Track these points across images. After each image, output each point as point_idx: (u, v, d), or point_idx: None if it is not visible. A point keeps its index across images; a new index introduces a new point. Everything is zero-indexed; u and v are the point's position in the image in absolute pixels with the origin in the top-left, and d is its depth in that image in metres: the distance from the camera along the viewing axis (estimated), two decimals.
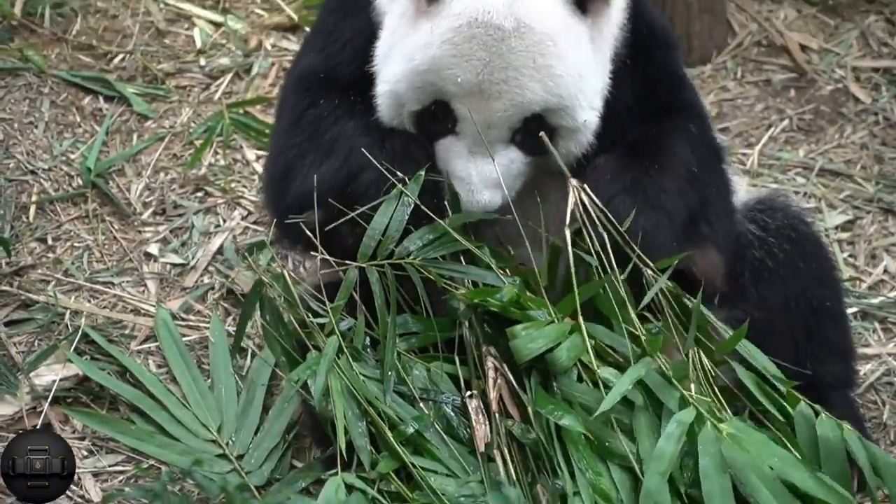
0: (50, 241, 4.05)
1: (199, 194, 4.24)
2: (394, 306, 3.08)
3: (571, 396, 3.00)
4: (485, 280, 3.11)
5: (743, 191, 3.61)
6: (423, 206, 3.08)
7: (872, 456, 2.98)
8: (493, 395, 3.03)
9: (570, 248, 3.07)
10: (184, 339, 3.71)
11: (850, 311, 3.75)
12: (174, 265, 4.02)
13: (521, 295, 3.06)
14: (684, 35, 4.71)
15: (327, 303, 3.12)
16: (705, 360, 3.05)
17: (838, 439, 2.98)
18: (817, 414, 3.00)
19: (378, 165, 3.08)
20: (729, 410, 3.01)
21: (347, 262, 3.10)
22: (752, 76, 4.72)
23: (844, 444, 2.98)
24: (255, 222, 4.15)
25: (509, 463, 3.01)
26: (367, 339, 3.13)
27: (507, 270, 3.13)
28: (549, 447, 2.98)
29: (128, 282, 3.96)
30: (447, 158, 3.14)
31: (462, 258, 3.14)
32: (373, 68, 3.19)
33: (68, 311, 3.80)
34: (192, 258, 4.02)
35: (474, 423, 3.04)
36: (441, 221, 3.09)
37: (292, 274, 3.50)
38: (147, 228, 4.12)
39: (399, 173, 3.09)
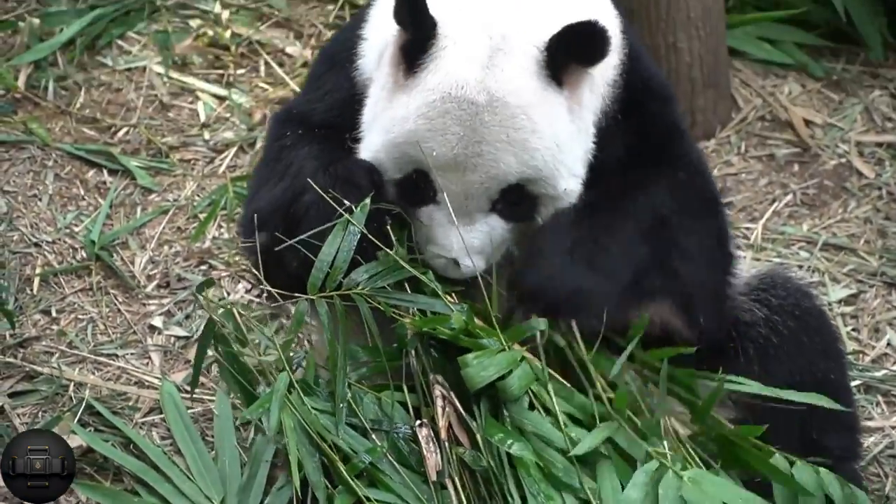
0: (54, 314, 4.17)
1: (203, 267, 4.36)
2: (344, 339, 3.16)
3: (522, 424, 3.09)
4: (433, 308, 3.18)
5: (745, 265, 3.71)
6: (367, 234, 3.14)
7: (852, 496, 3.09)
8: (442, 423, 3.10)
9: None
10: (188, 411, 3.82)
11: (853, 384, 3.86)
12: (178, 338, 4.14)
13: (469, 323, 3.15)
14: (688, 109, 4.85)
15: (276, 339, 3.21)
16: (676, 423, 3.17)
17: (815, 484, 3.10)
18: (792, 463, 3.11)
19: (318, 189, 3.15)
20: (702, 462, 3.12)
21: (295, 294, 3.17)
22: (756, 151, 4.87)
23: (822, 488, 3.10)
24: (259, 295, 4.28)
25: (461, 491, 3.08)
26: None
27: (455, 297, 3.21)
28: (500, 474, 3.06)
29: (132, 354, 4.08)
30: (430, 227, 3.22)
31: (407, 287, 3.21)
32: (347, 122, 3.29)
33: (72, 383, 3.91)
34: (196, 331, 4.14)
35: (425, 452, 3.11)
36: (388, 250, 3.16)
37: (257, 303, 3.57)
38: (151, 301, 4.24)
39: (342, 198, 3.15)
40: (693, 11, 4.82)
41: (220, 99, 4.97)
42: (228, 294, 4.27)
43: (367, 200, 3.15)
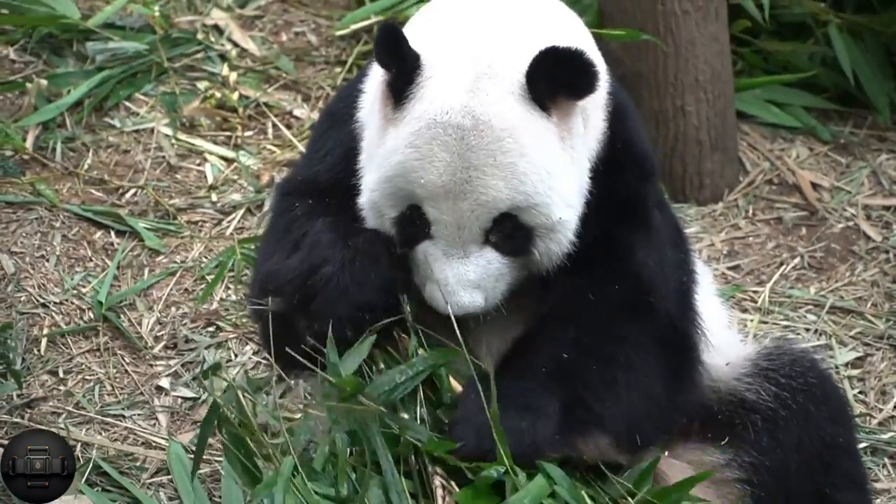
0: (61, 374, 4.34)
1: (211, 329, 4.53)
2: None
3: None
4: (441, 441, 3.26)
5: (748, 344, 3.88)
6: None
7: None
8: None
9: None
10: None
11: (860, 446, 4.01)
12: (185, 399, 4.31)
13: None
14: (696, 173, 5.05)
15: (282, 422, 3.34)
16: None
17: None
18: None
19: (339, 260, 3.29)
20: None
21: (308, 408, 3.32)
22: (763, 214, 5.06)
23: None
24: (266, 357, 4.45)
25: None
26: None
27: None
28: None
29: (139, 415, 4.25)
30: (426, 263, 3.32)
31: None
32: (351, 178, 3.42)
33: (80, 444, 4.07)
34: (203, 392, 4.31)
35: None
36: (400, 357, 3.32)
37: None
38: (158, 362, 4.41)
39: (363, 272, 3.29)
40: (701, 75, 5.04)
41: (228, 161, 5.15)
42: (236, 356, 4.44)
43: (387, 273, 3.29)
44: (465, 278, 3.31)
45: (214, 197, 5.01)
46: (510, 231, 3.31)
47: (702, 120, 5.05)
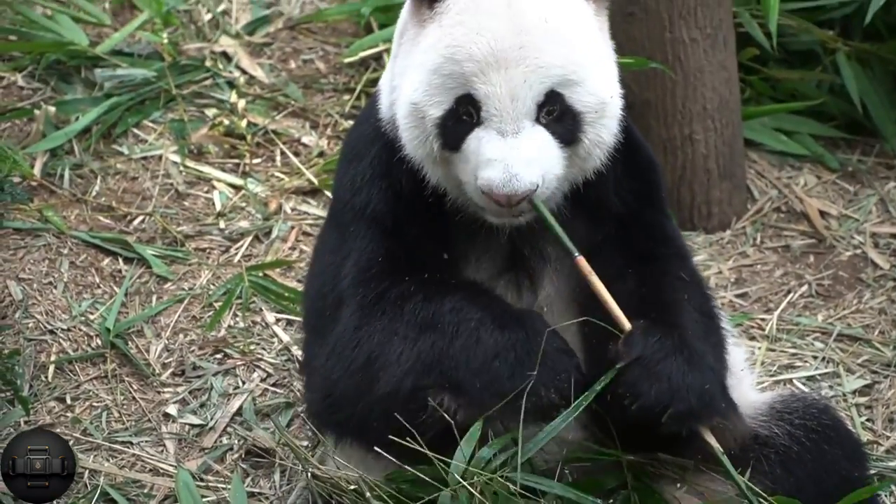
0: (69, 401, 4.43)
1: (219, 356, 4.62)
2: None
3: None
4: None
5: (760, 393, 4.00)
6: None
7: None
8: None
9: None
10: (203, 499, 4.07)
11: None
12: (193, 426, 4.40)
13: None
14: (704, 201, 5.13)
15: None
16: None
17: None
18: None
19: (519, 350, 3.32)
20: None
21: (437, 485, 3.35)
22: (771, 242, 5.15)
23: None
24: (274, 384, 4.54)
25: None
26: None
27: None
28: None
29: (146, 442, 4.34)
30: (477, 151, 3.37)
31: None
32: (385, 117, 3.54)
33: (87, 471, 4.16)
34: (211, 419, 4.40)
35: None
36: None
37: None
38: (166, 389, 4.51)
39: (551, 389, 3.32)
40: (709, 103, 5.11)
41: (236, 188, 5.24)
42: (244, 383, 4.53)
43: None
44: (522, 151, 3.36)
45: (222, 224, 5.10)
46: (559, 113, 3.40)
47: (710, 148, 5.13)
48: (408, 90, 3.45)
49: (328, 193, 5.06)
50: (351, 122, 5.24)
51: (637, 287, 3.56)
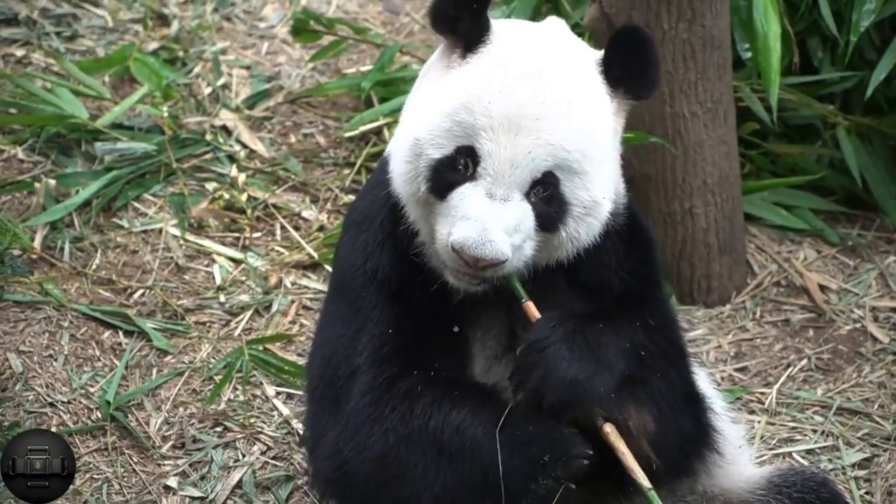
0: None
1: (219, 429, 4.75)
2: None
3: None
4: None
5: (759, 467, 4.14)
6: None
7: None
8: None
9: None
10: None
11: None
12: (193, 498, 4.52)
13: None
14: (704, 275, 5.25)
15: None
16: None
17: None
18: None
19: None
20: None
21: None
22: (770, 316, 5.28)
23: None
24: (274, 457, 4.67)
25: None
26: None
27: None
28: None
29: None
30: (460, 205, 3.45)
31: None
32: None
33: None
34: (212, 492, 4.52)
35: None
36: None
37: None
38: (166, 462, 4.64)
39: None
40: (709, 177, 5.22)
41: (236, 262, 5.39)
42: (244, 456, 4.67)
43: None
44: (504, 220, 3.44)
45: (222, 298, 5.24)
46: (549, 197, 3.49)
47: (710, 222, 5.25)
48: (414, 125, 3.54)
49: (328, 268, 5.19)
50: (352, 197, 5.40)
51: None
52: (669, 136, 5.20)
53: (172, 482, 4.57)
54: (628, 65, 3.58)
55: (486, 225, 3.43)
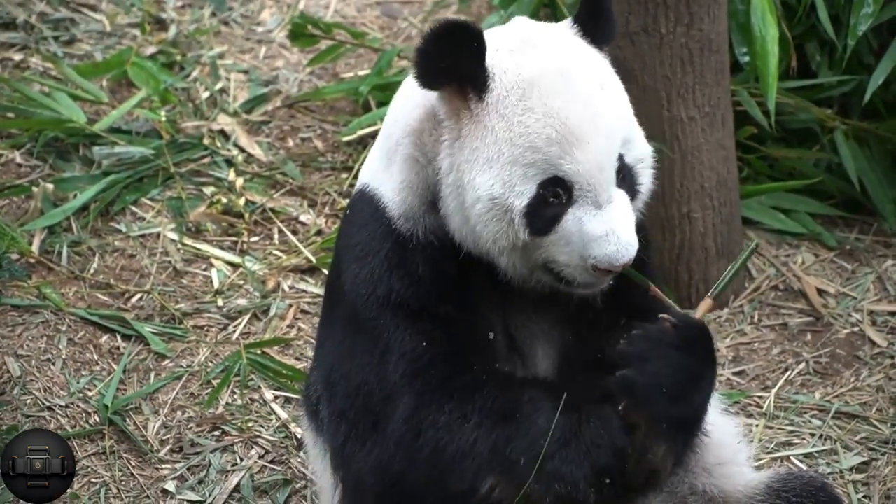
0: None
1: (217, 433, 4.78)
2: None
3: None
4: None
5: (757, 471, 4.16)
6: None
7: None
8: None
9: None
10: None
11: None
12: (191, 502, 4.55)
13: None
14: (702, 279, 5.26)
15: None
16: None
17: None
18: None
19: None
20: None
21: None
22: (768, 320, 5.30)
23: None
24: (272, 461, 4.70)
25: None
26: None
27: None
28: None
29: None
30: (580, 230, 3.46)
31: None
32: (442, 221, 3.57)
33: None
34: (210, 496, 4.55)
35: None
36: None
37: None
38: (164, 466, 4.67)
39: None
40: (707, 182, 5.23)
41: (234, 266, 5.41)
42: (241, 460, 4.69)
43: None
44: (623, 218, 3.49)
45: (220, 302, 5.27)
46: (626, 173, 3.55)
47: (708, 226, 5.27)
48: (482, 190, 3.47)
49: (326, 272, 5.20)
50: (348, 200, 5.41)
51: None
52: (667, 140, 5.21)
53: (170, 486, 4.59)
54: (601, 23, 3.65)
55: (616, 233, 3.47)
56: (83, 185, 5.60)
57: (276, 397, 4.91)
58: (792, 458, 4.72)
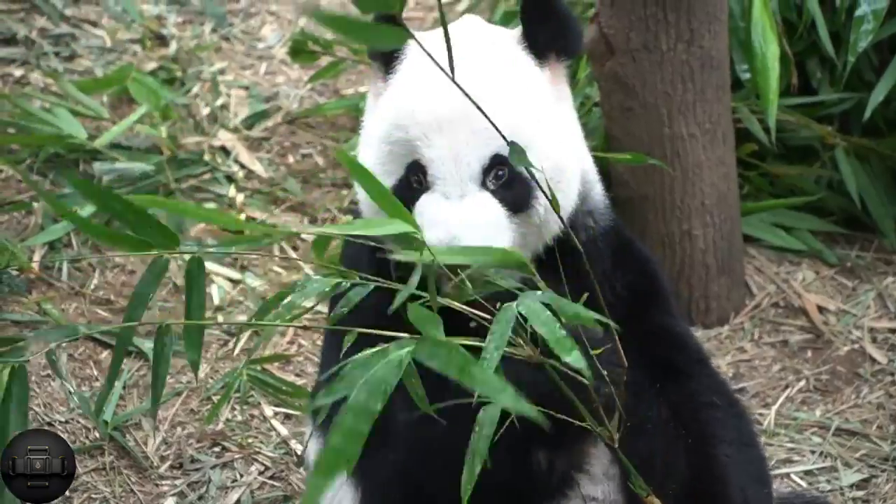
0: (67, 493, 4.59)
1: (217, 449, 4.82)
2: None
3: None
4: None
5: None
6: None
7: None
8: None
9: None
10: None
11: None
12: None
13: None
14: (702, 296, 5.31)
15: None
16: None
17: None
18: None
19: None
20: None
21: None
22: (769, 337, 5.34)
23: None
24: (272, 477, 4.73)
25: None
26: None
27: None
28: None
29: None
30: (422, 214, 3.40)
31: None
32: None
33: None
34: None
35: None
36: None
37: None
38: (164, 482, 4.70)
39: None
40: (708, 199, 5.27)
41: (234, 282, 5.46)
42: (241, 476, 4.73)
43: None
44: (464, 215, 3.40)
45: (220, 318, 5.31)
46: (508, 179, 3.47)
47: (708, 243, 5.30)
48: (367, 164, 3.46)
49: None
50: (349, 217, 5.46)
51: (669, 418, 3.60)
52: (668, 157, 5.24)
53: (170, 502, 4.63)
54: (548, 30, 3.59)
55: (448, 224, 3.40)
56: (83, 201, 5.56)
57: (276, 413, 4.95)
58: (792, 475, 4.75)
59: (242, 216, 5.62)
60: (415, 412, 3.28)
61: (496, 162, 3.47)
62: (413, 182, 3.49)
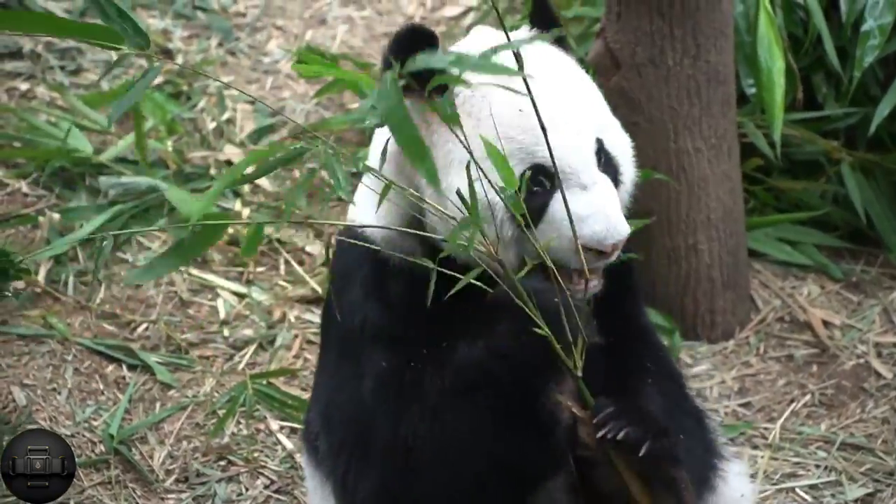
0: None
1: (222, 463, 4.84)
2: None
3: None
4: None
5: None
6: None
7: None
8: None
9: None
10: None
11: None
12: None
13: None
14: (708, 311, 5.33)
15: None
16: None
17: None
18: None
19: None
20: None
21: None
22: (774, 352, 5.36)
23: None
24: (277, 491, 4.76)
25: None
26: None
27: None
28: None
29: None
30: (562, 210, 3.40)
31: None
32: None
33: None
34: None
35: None
36: None
37: None
38: (170, 496, 4.72)
39: None
40: (713, 213, 5.29)
41: (240, 296, 5.47)
42: (247, 489, 4.75)
43: None
44: (610, 198, 3.49)
45: (226, 332, 5.33)
46: (606, 159, 3.58)
47: (714, 258, 5.32)
48: (462, 188, 3.38)
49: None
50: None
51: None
52: (673, 171, 5.27)
53: None
54: (543, 19, 3.71)
55: (604, 212, 3.47)
56: (89, 214, 5.64)
57: (281, 427, 4.97)
58: (797, 489, 4.77)
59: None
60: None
61: (598, 144, 3.58)
62: (534, 187, 3.51)
